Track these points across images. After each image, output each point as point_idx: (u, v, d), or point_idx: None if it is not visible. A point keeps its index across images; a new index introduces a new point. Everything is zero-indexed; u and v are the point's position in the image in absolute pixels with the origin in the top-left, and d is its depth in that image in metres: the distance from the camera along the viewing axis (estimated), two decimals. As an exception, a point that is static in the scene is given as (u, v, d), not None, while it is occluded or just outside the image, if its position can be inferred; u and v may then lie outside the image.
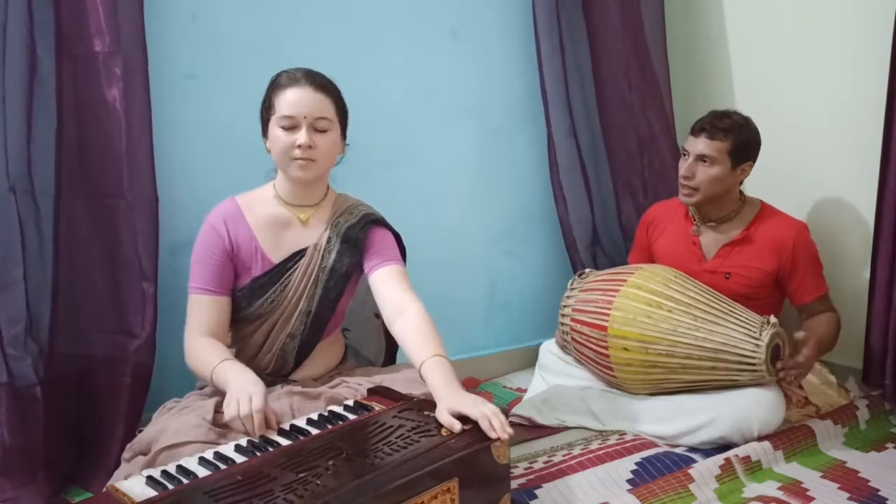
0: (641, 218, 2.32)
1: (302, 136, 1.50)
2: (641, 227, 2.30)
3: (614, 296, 1.96)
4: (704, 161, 2.00)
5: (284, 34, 2.04)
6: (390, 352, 1.90)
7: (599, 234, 2.53)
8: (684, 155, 2.06)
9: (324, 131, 1.53)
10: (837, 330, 2.00)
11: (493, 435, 1.30)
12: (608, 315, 1.94)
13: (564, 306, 2.10)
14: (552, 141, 2.43)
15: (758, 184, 2.09)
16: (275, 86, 1.55)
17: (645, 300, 1.91)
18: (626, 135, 2.48)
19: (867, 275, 2.03)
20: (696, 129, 2.03)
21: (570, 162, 2.46)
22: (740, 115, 2.03)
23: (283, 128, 1.52)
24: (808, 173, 2.26)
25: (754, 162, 2.05)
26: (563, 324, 2.09)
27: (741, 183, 2.07)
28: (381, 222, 1.69)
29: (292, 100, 1.51)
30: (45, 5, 1.65)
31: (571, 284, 2.14)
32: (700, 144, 2.00)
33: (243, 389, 1.38)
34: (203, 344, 1.53)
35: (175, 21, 1.89)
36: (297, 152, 1.51)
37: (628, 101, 2.47)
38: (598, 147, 2.52)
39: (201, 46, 1.94)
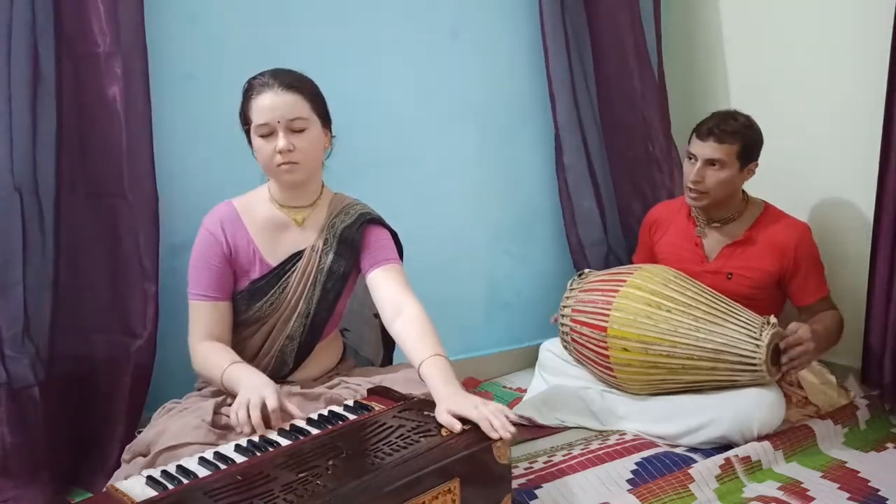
0: (644, 219, 2.32)
1: (280, 141, 1.49)
2: (644, 227, 2.30)
3: (614, 296, 1.96)
4: (714, 165, 1.98)
5: (284, 35, 2.03)
6: (388, 352, 1.90)
7: (605, 233, 2.53)
8: (690, 159, 2.03)
9: (301, 131, 1.51)
10: (840, 325, 1.99)
11: (494, 436, 1.29)
12: (608, 315, 1.94)
13: (564, 307, 2.10)
14: (558, 140, 2.44)
15: (757, 184, 2.09)
16: (246, 96, 1.54)
17: (645, 300, 1.91)
18: (629, 134, 2.48)
19: (866, 275, 2.03)
20: (704, 133, 1.99)
21: (576, 160, 2.46)
22: (744, 116, 2.01)
23: (262, 136, 1.51)
24: (808, 173, 2.25)
25: (758, 161, 2.05)
26: (562, 324, 2.09)
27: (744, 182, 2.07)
28: (377, 221, 1.67)
29: (263, 106, 1.49)
30: (45, 5, 1.65)
31: (571, 285, 2.13)
32: (708, 149, 1.98)
33: (256, 390, 1.39)
34: (210, 348, 1.53)
35: (175, 21, 1.89)
36: (279, 158, 1.50)
37: (629, 100, 2.47)
38: (603, 146, 2.52)
39: (201, 46, 1.94)
